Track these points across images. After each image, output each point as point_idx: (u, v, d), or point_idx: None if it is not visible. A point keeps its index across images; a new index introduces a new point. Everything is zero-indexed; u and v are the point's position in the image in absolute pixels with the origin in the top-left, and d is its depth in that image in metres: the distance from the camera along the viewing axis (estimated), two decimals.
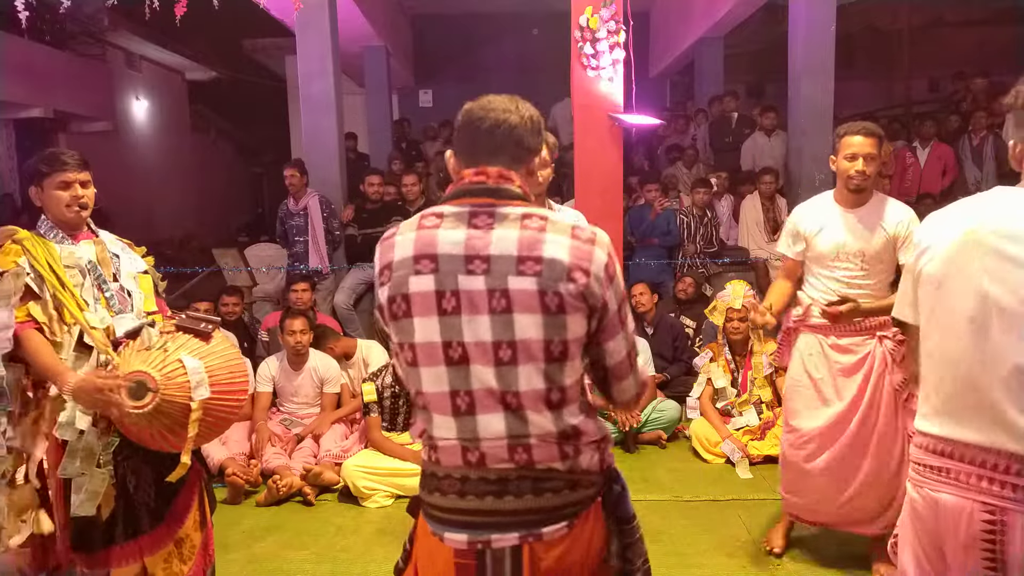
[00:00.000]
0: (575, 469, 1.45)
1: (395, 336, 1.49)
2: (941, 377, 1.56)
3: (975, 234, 1.50)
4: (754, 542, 3.41)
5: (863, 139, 2.90)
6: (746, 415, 4.60)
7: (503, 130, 1.48)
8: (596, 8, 4.54)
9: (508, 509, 1.43)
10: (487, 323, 1.39)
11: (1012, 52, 9.37)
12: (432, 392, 1.45)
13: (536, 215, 1.44)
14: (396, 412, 4.33)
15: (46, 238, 2.45)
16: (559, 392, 1.42)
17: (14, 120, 10.35)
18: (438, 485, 1.49)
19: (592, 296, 1.41)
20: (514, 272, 1.39)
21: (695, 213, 6.69)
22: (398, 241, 1.48)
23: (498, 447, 1.42)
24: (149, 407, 2.25)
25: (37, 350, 2.32)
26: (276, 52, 11.42)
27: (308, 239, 6.30)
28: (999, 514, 1.45)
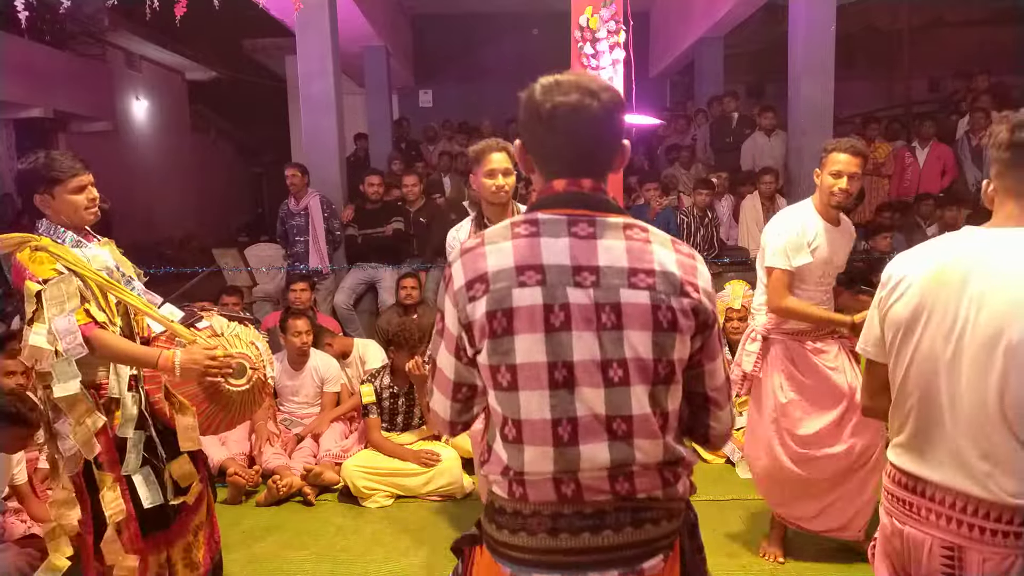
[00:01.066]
0: (673, 497, 1.36)
1: (489, 358, 1.31)
2: (907, 414, 1.58)
3: (944, 275, 1.50)
4: (754, 542, 3.41)
5: (849, 158, 2.91)
6: (746, 415, 4.59)
7: (596, 145, 1.35)
8: (596, 8, 4.54)
9: (606, 546, 1.31)
10: (595, 340, 1.28)
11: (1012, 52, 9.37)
12: (531, 420, 1.30)
13: (637, 226, 1.35)
14: (395, 412, 4.33)
15: (57, 242, 2.41)
16: (662, 418, 1.32)
17: (14, 120, 10.35)
18: (524, 524, 1.33)
19: (703, 312, 1.33)
20: (626, 284, 1.29)
21: (695, 213, 6.69)
22: (490, 251, 1.32)
23: (598, 478, 1.30)
24: (247, 386, 2.48)
25: (115, 344, 2.36)
26: (276, 52, 11.43)
27: (308, 239, 6.30)
28: (957, 551, 1.48)
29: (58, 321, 2.26)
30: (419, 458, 4.03)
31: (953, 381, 1.48)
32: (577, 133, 1.32)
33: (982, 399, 1.44)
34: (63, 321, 2.26)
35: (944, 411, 1.50)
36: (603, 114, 1.31)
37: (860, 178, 2.97)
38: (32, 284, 2.28)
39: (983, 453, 1.45)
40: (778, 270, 3.00)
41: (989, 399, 1.43)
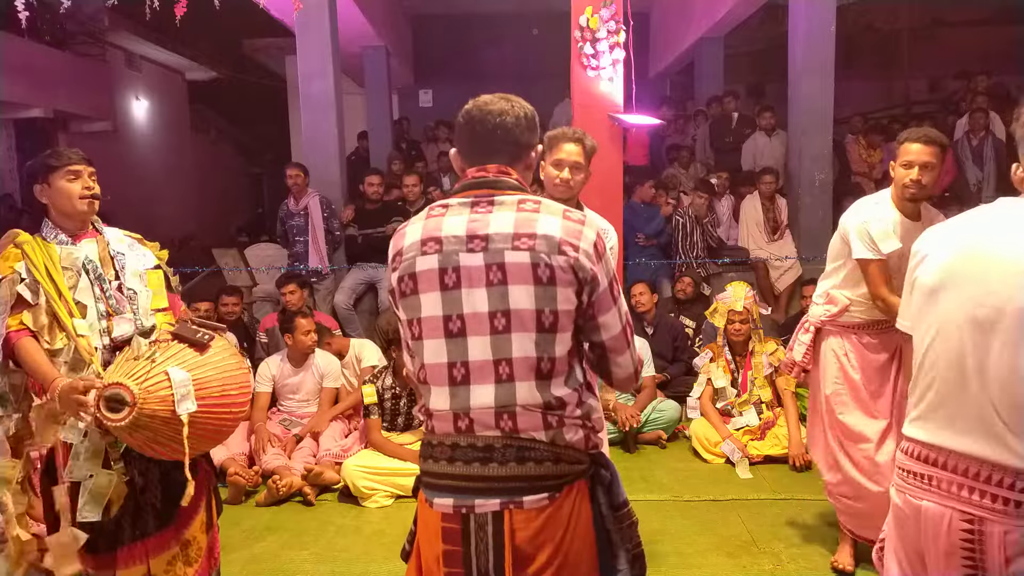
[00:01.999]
0: (557, 441, 1.52)
1: (404, 314, 1.59)
2: (930, 383, 1.57)
3: (972, 245, 1.51)
4: (754, 542, 3.41)
5: (921, 147, 2.78)
6: (746, 415, 4.60)
7: (501, 132, 1.59)
8: (596, 8, 4.54)
9: (492, 475, 1.51)
10: (484, 295, 1.50)
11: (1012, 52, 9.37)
12: (432, 364, 1.55)
13: (531, 199, 1.57)
14: (396, 413, 4.33)
15: (48, 240, 2.42)
16: (549, 362, 1.51)
17: (14, 120, 10.35)
18: (431, 452, 1.59)
19: (582, 269, 1.50)
20: (510, 247, 1.50)
21: (691, 214, 6.69)
22: (408, 230, 1.61)
23: (486, 415, 1.51)
24: (126, 421, 2.16)
25: (30, 356, 2.31)
26: (276, 52, 11.42)
27: (308, 239, 6.31)
28: (977, 523, 1.46)
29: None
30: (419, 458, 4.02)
31: (981, 347, 1.47)
32: (492, 135, 1.59)
33: (1013, 367, 1.43)
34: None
35: (971, 377, 1.49)
36: (514, 122, 1.59)
37: (936, 168, 2.81)
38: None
39: (1011, 420, 1.43)
40: (868, 261, 2.84)
41: (1019, 366, 1.42)
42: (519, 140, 1.61)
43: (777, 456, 4.35)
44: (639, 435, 4.75)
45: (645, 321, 5.56)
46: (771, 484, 4.10)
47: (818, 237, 6.61)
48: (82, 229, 2.49)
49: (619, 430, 4.64)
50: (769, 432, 4.47)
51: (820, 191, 6.61)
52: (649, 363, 4.99)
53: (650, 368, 4.99)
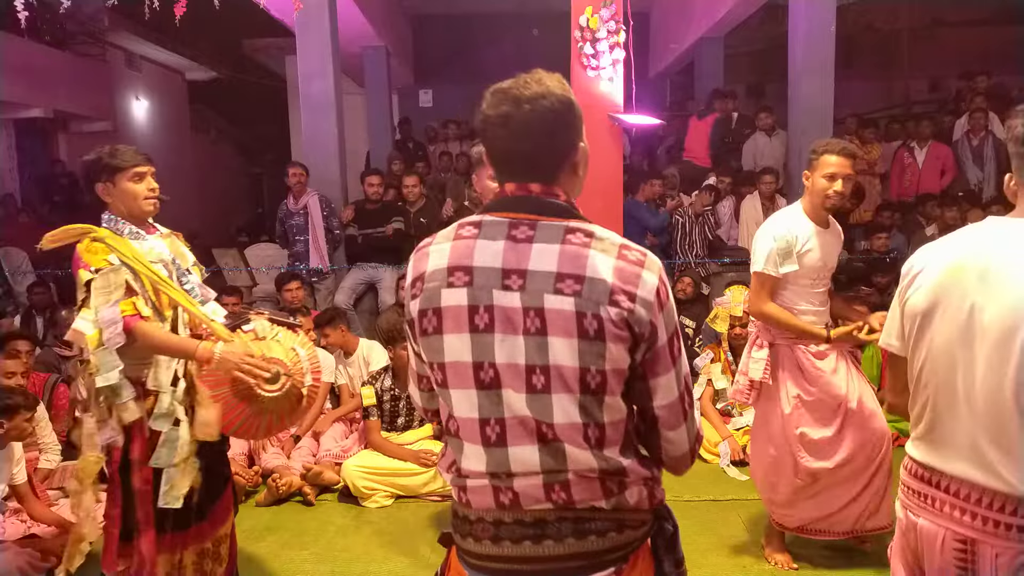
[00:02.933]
0: (622, 507, 1.31)
1: (425, 355, 1.36)
2: (924, 405, 1.57)
3: (962, 266, 1.50)
4: (754, 542, 3.41)
5: (841, 159, 2.89)
6: (746, 415, 4.59)
7: (542, 137, 1.31)
8: (596, 8, 4.54)
9: (548, 555, 1.29)
10: (521, 344, 1.26)
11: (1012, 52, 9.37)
12: (463, 417, 1.32)
13: (581, 230, 1.30)
14: (396, 414, 4.33)
15: (119, 234, 2.46)
16: (597, 429, 1.27)
17: (14, 120, 10.35)
18: (471, 530, 1.35)
19: (639, 323, 1.25)
20: (551, 290, 1.25)
21: (690, 214, 6.68)
22: (432, 251, 1.35)
23: (532, 485, 1.28)
24: (282, 391, 2.39)
25: (157, 334, 2.37)
26: (276, 52, 11.43)
27: (308, 238, 6.31)
28: (970, 544, 1.47)
29: (103, 311, 2.31)
30: (418, 458, 4.03)
31: (969, 372, 1.47)
32: (507, 140, 1.31)
33: (998, 390, 1.43)
34: (108, 311, 2.31)
35: (960, 402, 1.49)
36: (530, 122, 1.29)
37: (853, 179, 2.95)
38: (84, 272, 2.35)
39: (999, 445, 1.43)
40: (763, 274, 2.98)
41: (1006, 390, 1.42)
42: (565, 143, 1.34)
43: None
44: None
45: None
46: None
47: None
48: (145, 224, 2.56)
49: None
50: None
51: None
52: None
53: None
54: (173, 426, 2.42)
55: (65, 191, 10.66)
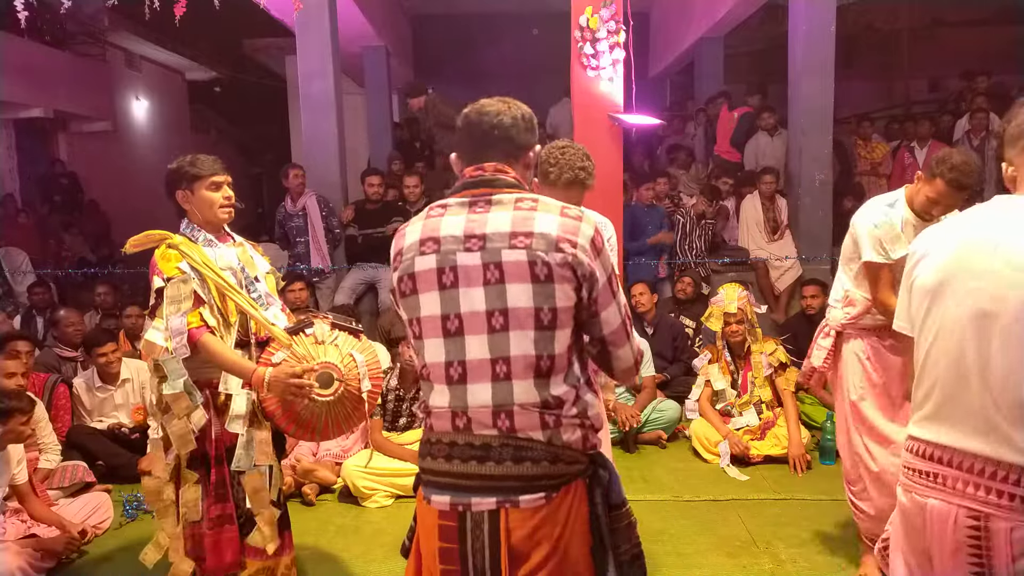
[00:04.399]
0: (554, 441, 1.52)
1: (405, 314, 1.61)
2: (933, 383, 1.57)
3: (971, 244, 1.51)
4: (754, 542, 3.41)
5: (951, 191, 2.71)
6: (746, 415, 4.60)
7: (498, 131, 1.60)
8: (596, 8, 4.54)
9: (488, 474, 1.51)
10: (481, 294, 1.51)
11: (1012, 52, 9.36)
12: (432, 363, 1.57)
13: (528, 198, 1.57)
14: (398, 414, 4.33)
15: (194, 242, 2.53)
16: (548, 360, 1.51)
17: (14, 120, 10.34)
18: (430, 450, 1.60)
19: (580, 266, 1.51)
20: (507, 246, 1.50)
21: (692, 215, 6.68)
22: (408, 230, 1.62)
23: (483, 414, 1.52)
24: (336, 395, 2.47)
25: (219, 350, 2.43)
26: (276, 52, 11.43)
27: (308, 239, 6.31)
28: (983, 519, 1.46)
29: (173, 320, 2.39)
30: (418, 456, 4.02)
31: (983, 346, 1.47)
32: (488, 134, 1.61)
33: (1013, 363, 1.43)
34: (176, 321, 2.39)
35: (972, 377, 1.49)
36: (511, 121, 1.61)
37: (957, 204, 2.75)
38: (156, 280, 2.44)
39: (1015, 418, 1.43)
40: (877, 265, 2.81)
41: (1021, 361, 1.42)
42: (516, 139, 1.62)
43: (777, 456, 4.35)
44: (639, 435, 4.75)
45: (645, 321, 5.55)
46: (771, 484, 4.10)
47: (818, 237, 6.61)
48: (220, 232, 2.63)
49: (619, 430, 4.63)
50: (769, 432, 4.47)
51: (820, 191, 6.61)
52: (649, 363, 4.98)
53: (650, 368, 4.98)
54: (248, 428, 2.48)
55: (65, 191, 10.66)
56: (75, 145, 11.67)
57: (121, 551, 3.52)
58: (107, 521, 3.70)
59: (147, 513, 3.89)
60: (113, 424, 4.52)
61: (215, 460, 2.54)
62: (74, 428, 4.44)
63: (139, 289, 7.44)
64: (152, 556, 2.59)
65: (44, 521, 3.40)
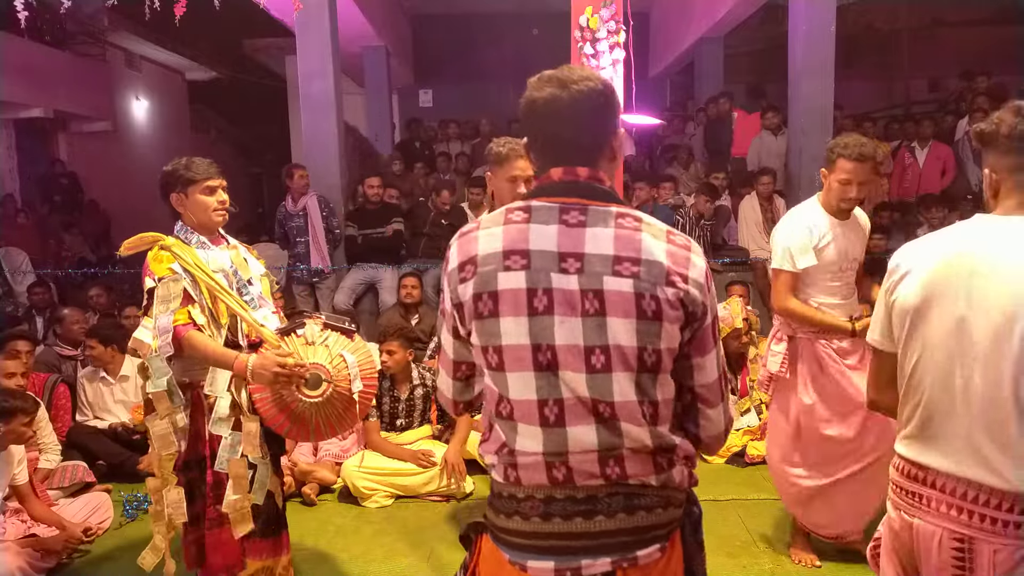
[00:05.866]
0: (668, 485, 1.35)
1: (478, 339, 1.36)
2: (917, 403, 1.56)
3: (953, 262, 1.49)
4: (754, 542, 3.41)
5: (856, 166, 2.84)
6: (746, 417, 4.60)
7: (588, 126, 1.37)
8: (596, 8, 4.53)
9: (599, 531, 1.32)
10: (579, 326, 1.29)
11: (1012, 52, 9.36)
12: (519, 400, 1.33)
13: (630, 215, 1.35)
14: (395, 415, 4.33)
15: (188, 244, 2.55)
16: (651, 407, 1.32)
17: (14, 120, 10.34)
18: (518, 508, 1.35)
19: (692, 303, 1.31)
20: (610, 272, 1.29)
21: (691, 215, 6.68)
22: (481, 235, 1.37)
23: (588, 461, 1.31)
24: (324, 396, 2.44)
25: (203, 344, 2.43)
26: (276, 52, 11.43)
27: (308, 239, 6.31)
28: (968, 542, 1.46)
29: (160, 319, 2.40)
30: (417, 459, 4.03)
31: (965, 369, 1.46)
32: (553, 123, 1.36)
33: (996, 386, 1.42)
34: (163, 320, 2.40)
35: (956, 399, 1.48)
36: (576, 103, 1.33)
37: (871, 182, 2.89)
38: (148, 280, 2.46)
39: (997, 441, 1.43)
40: (783, 272, 2.96)
41: (1004, 386, 1.41)
42: (606, 131, 1.39)
43: None
44: None
45: None
46: (771, 484, 4.08)
47: None
48: (214, 234, 2.64)
49: None
50: None
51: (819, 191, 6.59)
52: None
53: None
54: (233, 431, 2.48)
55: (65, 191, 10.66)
56: (75, 145, 11.67)
57: (121, 551, 3.52)
58: (107, 521, 3.70)
59: (147, 513, 3.89)
60: (114, 423, 4.53)
61: (211, 461, 2.53)
62: (74, 428, 4.44)
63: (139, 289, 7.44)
64: (150, 560, 2.59)
65: (44, 521, 3.40)
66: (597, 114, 1.36)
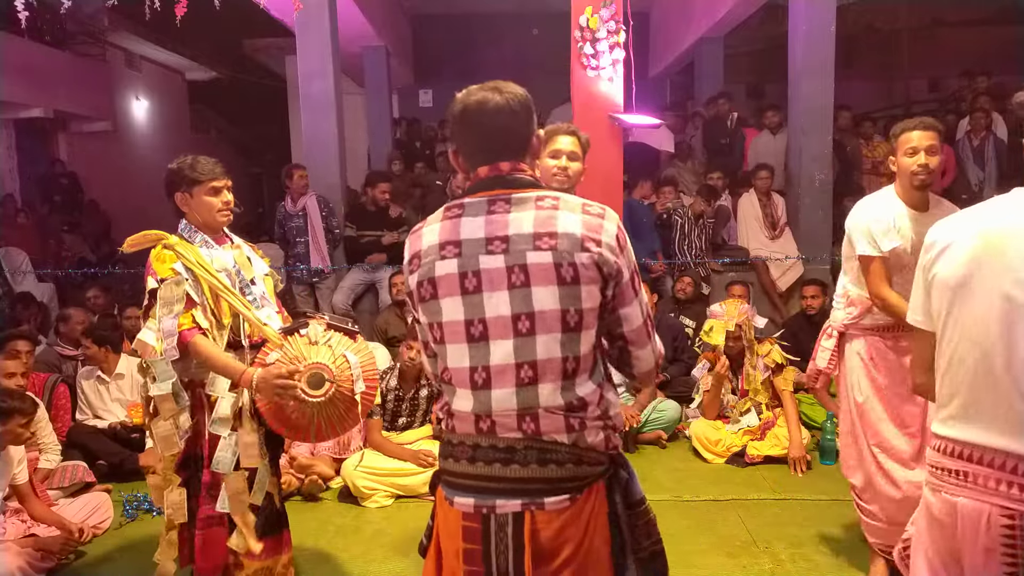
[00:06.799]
0: (579, 444, 1.51)
1: (424, 317, 1.58)
2: (960, 381, 1.53)
3: (997, 237, 1.47)
4: (754, 542, 3.41)
5: (921, 132, 2.78)
6: (745, 418, 4.59)
7: (505, 131, 1.55)
8: (596, 8, 4.53)
9: (513, 476, 1.50)
10: (506, 298, 1.48)
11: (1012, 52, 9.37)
12: (455, 368, 1.54)
13: (548, 196, 1.53)
14: (398, 414, 4.33)
15: (191, 243, 2.53)
16: (574, 361, 1.49)
17: (14, 120, 10.35)
18: (452, 451, 1.57)
19: (606, 264, 1.48)
20: (531, 247, 1.48)
21: (690, 216, 6.68)
22: (425, 232, 1.58)
23: (508, 418, 1.50)
24: (326, 397, 2.43)
25: (210, 352, 2.42)
26: (276, 52, 11.42)
27: (308, 239, 6.31)
28: (1019, 518, 1.43)
29: (165, 321, 2.40)
30: (418, 458, 4.03)
31: (1010, 342, 1.44)
32: (495, 135, 1.55)
33: None
34: (168, 322, 2.40)
35: (1000, 371, 1.46)
36: (503, 105, 1.53)
37: (938, 150, 2.79)
38: (150, 280, 2.45)
39: None
40: (871, 258, 2.77)
41: None
42: (523, 132, 1.57)
43: (777, 456, 4.35)
44: (639, 435, 4.75)
45: None
46: (771, 484, 4.10)
47: (818, 237, 6.61)
48: (219, 234, 2.63)
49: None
50: (769, 432, 4.47)
51: (820, 191, 6.61)
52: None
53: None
54: (233, 431, 2.48)
55: (65, 191, 10.66)
56: (75, 145, 11.67)
57: (121, 551, 3.52)
58: (107, 521, 3.69)
59: (147, 512, 3.90)
60: (113, 423, 4.53)
61: (209, 461, 2.53)
62: (74, 427, 4.44)
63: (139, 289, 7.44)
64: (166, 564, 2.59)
65: (44, 521, 3.40)
66: (521, 114, 1.55)
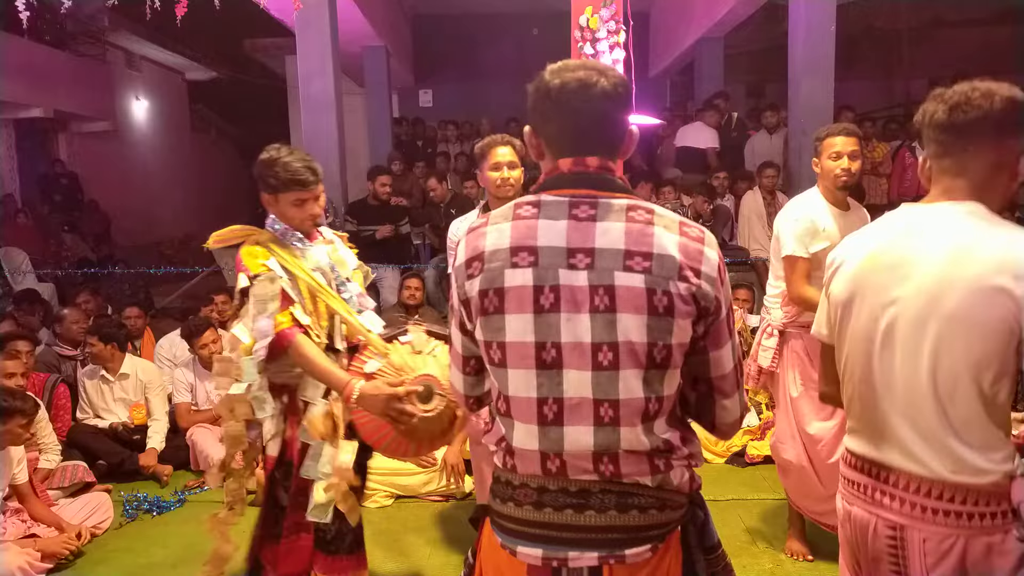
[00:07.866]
0: (665, 486, 1.33)
1: (482, 334, 1.35)
2: (851, 395, 1.58)
3: (877, 256, 1.51)
4: (754, 542, 3.41)
5: (844, 138, 2.92)
6: (746, 417, 4.59)
7: (604, 119, 1.33)
8: (596, 8, 4.53)
9: (588, 525, 1.31)
10: (587, 323, 1.27)
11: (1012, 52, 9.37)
12: (517, 397, 1.32)
13: (642, 207, 1.32)
14: None
15: (282, 239, 2.36)
16: (656, 403, 1.30)
17: (14, 120, 10.36)
18: (513, 494, 1.36)
19: (704, 298, 1.29)
20: (620, 267, 1.27)
21: (689, 215, 6.69)
22: (490, 231, 1.35)
23: (582, 459, 1.30)
24: (437, 411, 2.20)
25: (313, 355, 2.22)
26: (276, 52, 11.43)
27: None
28: (899, 530, 1.48)
29: (260, 321, 2.22)
30: (418, 459, 4.03)
31: (887, 361, 1.48)
32: (583, 108, 1.31)
33: (914, 377, 1.44)
34: (263, 322, 2.21)
35: (881, 391, 1.50)
36: (609, 90, 1.30)
37: (860, 156, 2.94)
38: (242, 277, 2.27)
39: (918, 431, 1.44)
40: (796, 259, 2.91)
41: (921, 377, 1.43)
42: (621, 125, 1.36)
43: None
44: None
45: None
46: (771, 484, 4.09)
47: None
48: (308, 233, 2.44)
49: None
50: (769, 432, 4.46)
51: None
52: None
53: None
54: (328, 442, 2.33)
55: (65, 191, 10.67)
56: (75, 145, 11.68)
57: (121, 551, 3.52)
58: (107, 521, 3.70)
59: (147, 512, 3.90)
60: (114, 423, 4.53)
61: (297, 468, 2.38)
62: (75, 427, 4.44)
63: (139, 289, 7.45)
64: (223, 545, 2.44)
65: (44, 521, 3.40)
66: (622, 105, 1.34)
